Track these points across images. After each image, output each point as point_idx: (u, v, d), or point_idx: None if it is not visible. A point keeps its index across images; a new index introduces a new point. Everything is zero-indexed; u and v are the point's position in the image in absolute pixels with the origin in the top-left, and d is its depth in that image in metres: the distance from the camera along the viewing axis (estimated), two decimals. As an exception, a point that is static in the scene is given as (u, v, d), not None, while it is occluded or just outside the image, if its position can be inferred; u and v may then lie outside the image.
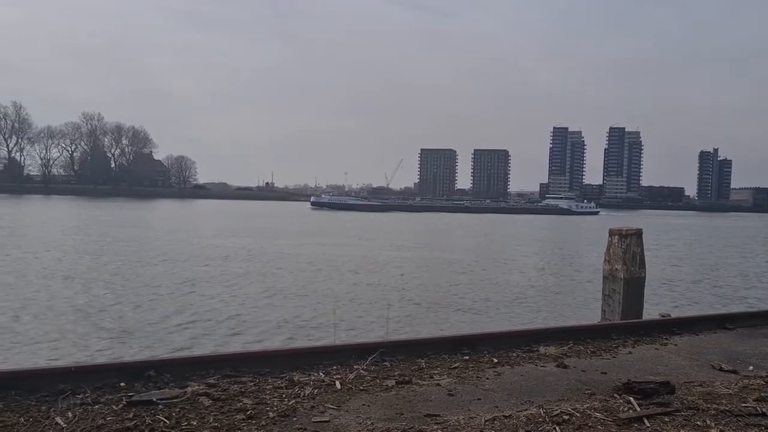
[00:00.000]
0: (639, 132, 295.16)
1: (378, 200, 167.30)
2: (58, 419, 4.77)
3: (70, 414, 4.89)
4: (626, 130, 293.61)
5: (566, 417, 5.08)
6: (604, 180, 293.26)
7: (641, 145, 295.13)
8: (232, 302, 20.89)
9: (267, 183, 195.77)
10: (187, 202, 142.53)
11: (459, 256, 41.45)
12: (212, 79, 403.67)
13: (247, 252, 38.45)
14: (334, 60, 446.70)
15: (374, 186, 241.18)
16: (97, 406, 5.12)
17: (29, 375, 5.60)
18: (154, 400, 5.24)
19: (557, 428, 4.82)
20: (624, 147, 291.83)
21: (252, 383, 5.88)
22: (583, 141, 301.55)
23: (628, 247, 10.38)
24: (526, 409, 5.28)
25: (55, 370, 5.78)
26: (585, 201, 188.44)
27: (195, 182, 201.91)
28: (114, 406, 5.12)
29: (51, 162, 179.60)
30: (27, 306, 19.10)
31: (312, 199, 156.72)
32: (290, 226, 70.13)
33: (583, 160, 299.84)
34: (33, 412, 4.97)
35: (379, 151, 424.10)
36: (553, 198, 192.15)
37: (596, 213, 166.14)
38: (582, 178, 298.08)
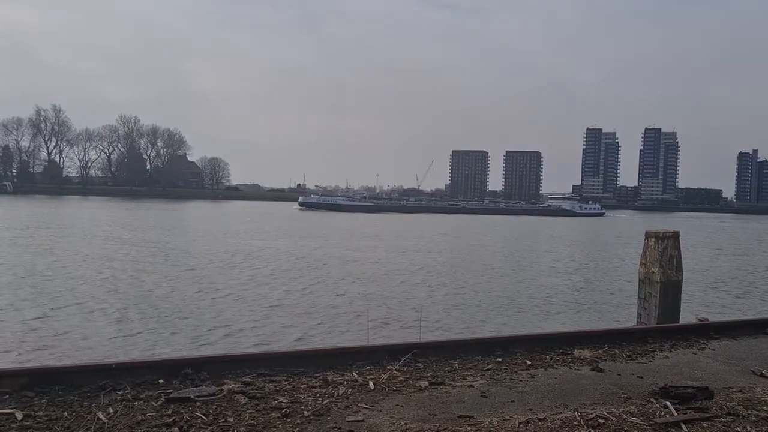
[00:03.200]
0: (675, 133, 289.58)
1: (369, 201, 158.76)
2: (100, 414, 4.90)
3: (111, 409, 5.02)
4: (662, 131, 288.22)
5: (601, 421, 5.03)
6: (639, 182, 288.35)
7: (678, 147, 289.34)
8: (266, 303, 21.11)
9: (299, 184, 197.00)
10: (220, 204, 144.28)
11: (486, 258, 41.22)
12: (245, 81, 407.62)
13: (276, 253, 38.81)
14: (366, 60, 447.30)
15: (405, 187, 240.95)
16: (136, 403, 5.24)
17: (72, 371, 5.75)
18: (192, 397, 5.35)
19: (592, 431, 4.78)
20: (660, 148, 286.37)
21: (286, 382, 5.95)
22: (618, 142, 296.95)
23: (665, 250, 10.21)
24: (561, 413, 5.25)
25: (96, 367, 5.93)
26: (589, 202, 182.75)
27: (228, 183, 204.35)
28: (153, 403, 5.24)
29: (89, 164, 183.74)
30: (69, 304, 19.59)
31: (300, 199, 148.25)
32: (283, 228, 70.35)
33: (617, 161, 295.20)
34: (76, 407, 5.12)
35: (410, 152, 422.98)
36: (555, 199, 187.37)
37: (601, 214, 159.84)
38: (616, 180, 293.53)
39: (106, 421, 4.76)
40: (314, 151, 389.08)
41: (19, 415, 4.82)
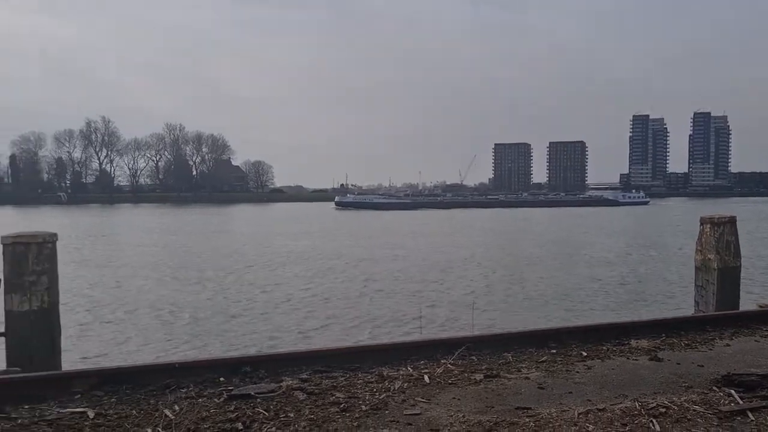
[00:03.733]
0: (726, 116, 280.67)
1: (406, 198, 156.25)
2: (167, 411, 5.07)
3: (177, 407, 5.19)
4: (712, 114, 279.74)
5: (663, 410, 4.96)
6: (689, 168, 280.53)
7: (729, 130, 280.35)
8: (316, 301, 21.39)
9: (342, 184, 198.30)
10: (265, 206, 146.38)
11: (535, 250, 40.74)
12: (284, 84, 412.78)
13: (320, 252, 39.20)
14: (403, 58, 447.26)
15: (448, 183, 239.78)
16: (200, 400, 5.41)
17: (138, 371, 5.97)
18: (252, 393, 5.48)
19: (654, 421, 4.71)
20: (710, 132, 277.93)
21: (343, 378, 6.04)
22: (666, 128, 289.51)
23: (722, 236, 9.95)
24: (621, 403, 5.19)
25: (161, 366, 6.13)
26: (633, 191, 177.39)
27: (272, 186, 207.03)
28: (216, 400, 5.40)
29: (138, 172, 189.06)
30: (128, 307, 20.28)
31: (336, 198, 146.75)
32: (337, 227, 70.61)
33: (666, 147, 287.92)
34: (143, 405, 5.31)
35: (453, 148, 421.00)
36: (597, 189, 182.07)
37: (646, 203, 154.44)
38: (666, 167, 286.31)
39: (173, 417, 4.92)
40: (356, 150, 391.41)
41: (91, 414, 5.03)
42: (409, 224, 74.88)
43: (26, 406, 5.26)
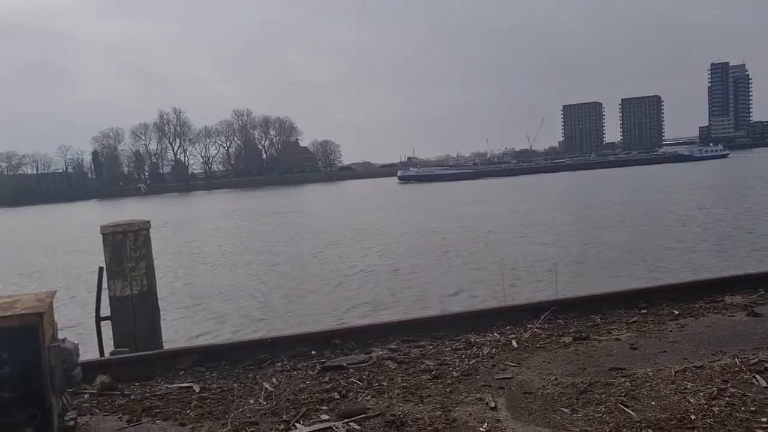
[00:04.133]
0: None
1: (469, 168, 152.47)
2: (266, 384, 5.31)
3: (274, 380, 5.43)
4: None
5: (766, 366, 4.80)
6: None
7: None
8: (397, 273, 21.66)
9: (409, 158, 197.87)
10: (334, 185, 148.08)
11: (616, 211, 39.59)
12: (348, 64, 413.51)
13: (392, 226, 39.44)
14: (466, 31, 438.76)
15: (517, 149, 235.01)
16: (295, 372, 5.63)
17: (234, 347, 6.27)
18: (345, 365, 5.66)
19: (758, 377, 4.58)
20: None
21: (431, 346, 6.14)
22: (748, 75, 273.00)
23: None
24: (719, 360, 5.06)
25: (256, 342, 6.42)
26: (710, 144, 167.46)
27: (341, 164, 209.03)
28: (310, 372, 5.61)
29: (210, 159, 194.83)
30: (217, 288, 21.18)
31: (399, 173, 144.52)
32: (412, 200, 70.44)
33: (749, 96, 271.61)
34: (243, 378, 5.58)
35: (519, 113, 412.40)
36: (670, 145, 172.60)
37: (725, 156, 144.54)
38: (749, 117, 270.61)
39: (272, 390, 5.15)
40: (422, 123, 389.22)
41: (197, 388, 5.34)
42: (471, 194, 73.99)
43: (137, 383, 5.63)
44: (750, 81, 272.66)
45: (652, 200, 46.48)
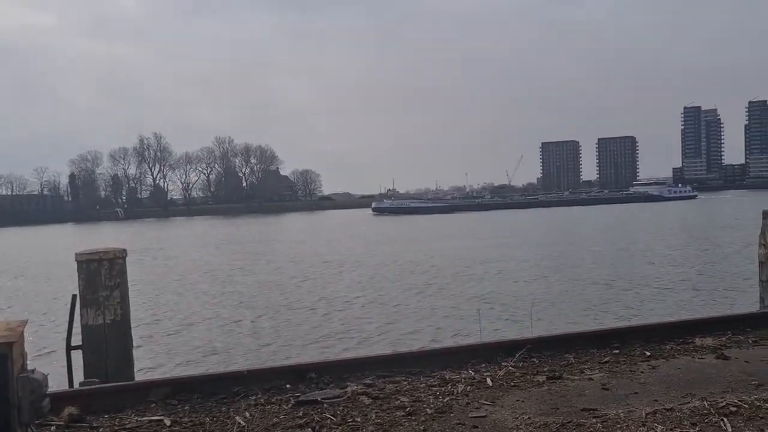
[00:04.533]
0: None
1: (442, 202, 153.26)
2: (239, 418, 5.26)
3: (247, 414, 5.38)
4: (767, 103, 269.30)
5: (734, 409, 4.88)
6: (746, 159, 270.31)
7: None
8: (377, 305, 21.63)
9: (389, 189, 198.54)
10: (313, 214, 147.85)
11: (589, 248, 40.03)
12: (329, 92, 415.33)
13: (377, 258, 39.43)
14: (448, 59, 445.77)
15: (496, 184, 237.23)
16: (269, 406, 5.58)
17: (208, 379, 6.20)
18: (319, 399, 5.63)
19: (725, 420, 4.65)
20: (767, 121, 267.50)
21: (406, 382, 6.13)
22: (719, 119, 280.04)
23: (786, 229, 9.63)
24: (689, 402, 5.13)
25: (230, 375, 6.36)
26: (679, 185, 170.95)
27: (320, 194, 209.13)
28: (284, 406, 5.56)
29: (190, 185, 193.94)
30: (191, 318, 20.92)
31: (373, 204, 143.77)
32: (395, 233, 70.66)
33: (720, 139, 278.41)
34: (215, 412, 5.51)
35: (499, 149, 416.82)
36: (642, 185, 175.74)
37: (693, 197, 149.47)
38: (721, 159, 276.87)
39: (244, 424, 5.10)
40: (402, 155, 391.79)
41: (167, 422, 5.26)
42: (442, 227, 74.30)
43: (106, 416, 5.53)
44: (722, 125, 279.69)
45: (624, 239, 47.12)
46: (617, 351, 6.88)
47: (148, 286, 29.69)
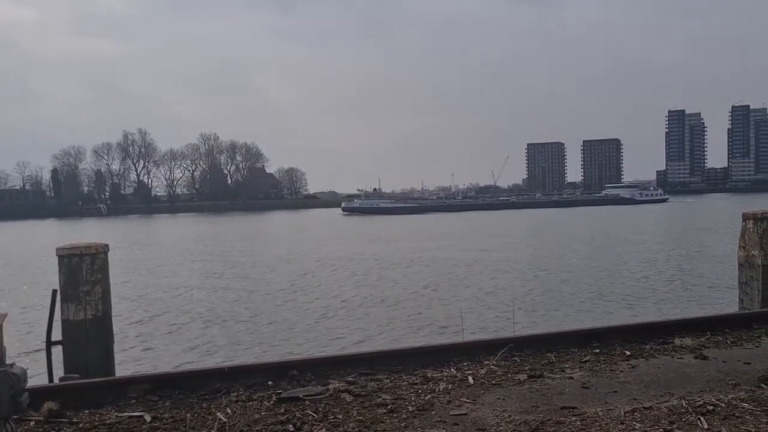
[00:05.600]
0: (765, 109, 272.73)
1: (413, 202, 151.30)
2: (220, 414, 5.24)
3: (229, 410, 5.36)
4: (751, 107, 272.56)
5: (710, 408, 4.95)
6: (729, 163, 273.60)
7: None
8: (361, 304, 21.63)
9: (374, 189, 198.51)
10: (299, 213, 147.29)
11: (576, 248, 40.32)
12: (316, 91, 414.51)
13: (362, 257, 39.44)
14: (434, 62, 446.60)
15: (481, 185, 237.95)
16: (251, 403, 5.57)
17: (189, 375, 6.17)
18: (301, 396, 5.63)
19: (702, 419, 4.71)
20: (749, 126, 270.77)
21: (388, 380, 6.15)
22: (703, 123, 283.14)
23: (765, 232, 9.78)
24: (667, 401, 5.19)
25: (211, 371, 6.33)
26: (651, 188, 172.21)
27: (306, 192, 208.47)
28: (266, 402, 5.55)
29: (175, 182, 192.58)
30: (174, 314, 20.80)
31: (343, 204, 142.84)
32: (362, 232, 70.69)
33: (704, 143, 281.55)
34: (196, 408, 5.49)
35: (485, 149, 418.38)
36: (614, 187, 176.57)
37: (665, 200, 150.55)
38: (704, 163, 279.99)
39: (225, 420, 5.09)
40: (389, 154, 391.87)
41: (148, 418, 5.23)
42: (399, 228, 74.20)
43: (86, 411, 5.49)
44: (705, 129, 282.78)
45: (594, 243, 47.49)
46: (598, 350, 6.94)
47: (130, 282, 29.46)
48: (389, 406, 5.30)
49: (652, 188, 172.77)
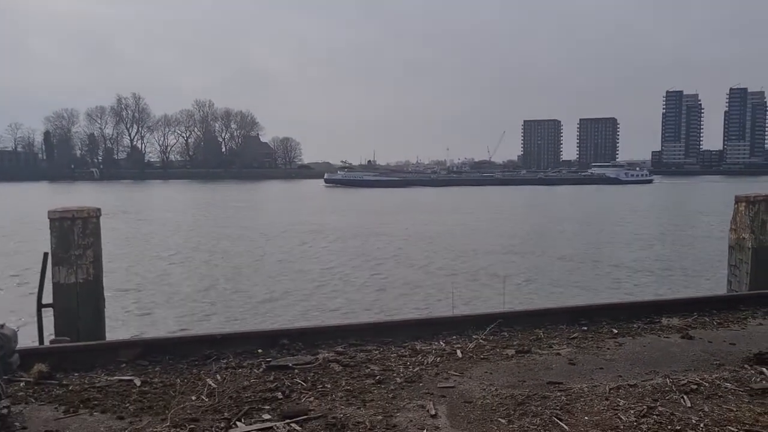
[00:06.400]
0: (763, 92, 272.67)
1: (397, 176, 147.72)
2: (209, 380, 5.29)
3: (218, 376, 5.41)
4: (748, 90, 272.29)
5: (694, 387, 5.02)
6: (724, 145, 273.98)
7: (766, 106, 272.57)
8: (353, 276, 21.72)
9: (369, 161, 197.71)
10: (293, 183, 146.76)
11: (563, 226, 40.49)
12: (311, 61, 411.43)
13: (350, 229, 39.49)
14: (433, 36, 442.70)
15: (476, 160, 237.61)
16: (240, 370, 5.62)
17: (180, 341, 6.21)
18: (290, 365, 5.68)
19: (685, 397, 4.79)
20: (746, 109, 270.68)
21: (377, 351, 6.20)
22: (700, 104, 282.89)
23: (757, 215, 9.84)
24: (652, 379, 5.26)
25: (202, 338, 6.36)
26: (637, 168, 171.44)
27: (300, 162, 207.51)
28: (255, 370, 5.60)
29: (168, 148, 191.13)
30: (166, 280, 20.83)
31: (325, 176, 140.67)
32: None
33: (700, 125, 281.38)
34: (186, 374, 5.53)
35: (482, 125, 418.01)
36: (599, 166, 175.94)
37: (650, 181, 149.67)
38: (699, 144, 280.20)
39: (215, 386, 5.13)
40: (385, 127, 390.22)
41: (138, 382, 5.27)
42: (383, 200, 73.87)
43: (76, 374, 5.53)
44: (702, 111, 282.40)
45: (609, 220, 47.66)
46: (586, 328, 7.02)
47: (122, 246, 29.44)
48: (377, 377, 5.35)
49: (638, 168, 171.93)
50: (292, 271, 23.07)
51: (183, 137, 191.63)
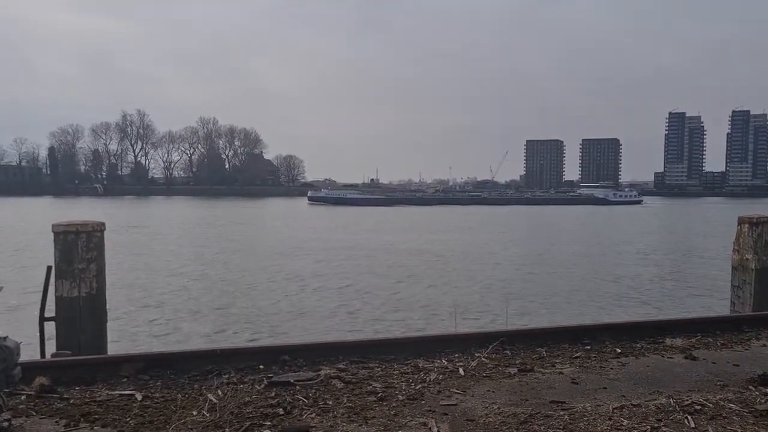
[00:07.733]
0: (765, 115, 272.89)
1: (381, 194, 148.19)
2: (210, 396, 5.26)
3: (220, 392, 5.38)
4: (751, 113, 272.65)
5: (698, 407, 4.99)
6: (727, 167, 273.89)
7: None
8: (355, 293, 21.67)
9: (372, 179, 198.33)
10: (295, 200, 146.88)
11: (567, 247, 40.43)
12: (318, 79, 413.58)
13: (359, 247, 39.47)
14: (435, 53, 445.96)
15: (479, 179, 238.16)
16: (242, 386, 5.59)
17: (181, 356, 6.19)
18: (292, 381, 5.65)
19: (689, 418, 4.75)
20: (749, 131, 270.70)
21: (379, 368, 6.18)
22: (703, 126, 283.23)
23: (760, 236, 9.83)
24: (655, 399, 5.23)
25: (203, 353, 6.35)
26: (627, 189, 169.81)
27: (303, 180, 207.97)
28: (257, 386, 5.58)
29: (172, 165, 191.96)
30: (167, 296, 20.79)
31: (309, 193, 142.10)
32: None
33: (702, 146, 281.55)
34: (187, 389, 5.52)
35: (484, 144, 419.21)
36: (588, 187, 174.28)
37: (639, 202, 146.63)
38: (702, 166, 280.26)
39: (216, 402, 5.11)
40: (388, 145, 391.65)
41: (139, 396, 5.26)
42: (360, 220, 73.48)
43: (77, 388, 5.51)
44: (704, 132, 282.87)
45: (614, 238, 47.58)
46: (588, 347, 6.98)
47: (126, 261, 29.46)
48: (379, 394, 5.33)
49: (627, 189, 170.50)
50: (291, 287, 23.06)
51: (187, 154, 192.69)
